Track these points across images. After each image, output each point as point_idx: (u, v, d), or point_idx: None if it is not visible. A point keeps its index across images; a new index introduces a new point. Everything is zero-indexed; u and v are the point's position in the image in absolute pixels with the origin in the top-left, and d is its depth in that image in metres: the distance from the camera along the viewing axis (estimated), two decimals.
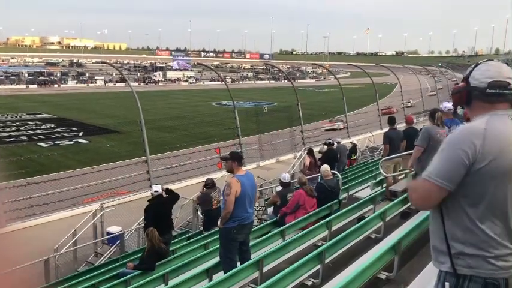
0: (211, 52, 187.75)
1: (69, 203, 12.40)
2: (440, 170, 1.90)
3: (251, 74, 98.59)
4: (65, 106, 43.67)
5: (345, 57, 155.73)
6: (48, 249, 8.81)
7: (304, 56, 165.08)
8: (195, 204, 10.33)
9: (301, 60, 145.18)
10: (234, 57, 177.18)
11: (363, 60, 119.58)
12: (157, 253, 6.71)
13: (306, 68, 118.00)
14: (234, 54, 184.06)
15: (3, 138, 25.31)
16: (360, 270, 4.02)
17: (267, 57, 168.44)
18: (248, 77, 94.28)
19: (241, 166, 5.49)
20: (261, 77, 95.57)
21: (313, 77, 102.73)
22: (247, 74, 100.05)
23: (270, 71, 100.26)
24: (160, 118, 32.54)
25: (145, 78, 79.16)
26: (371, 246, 5.61)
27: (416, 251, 5.08)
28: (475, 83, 1.97)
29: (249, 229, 5.61)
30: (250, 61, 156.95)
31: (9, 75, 71.45)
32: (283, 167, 16.81)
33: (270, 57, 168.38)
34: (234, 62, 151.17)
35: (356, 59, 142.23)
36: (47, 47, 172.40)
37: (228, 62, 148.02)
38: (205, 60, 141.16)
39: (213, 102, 49.04)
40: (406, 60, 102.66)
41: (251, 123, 25.81)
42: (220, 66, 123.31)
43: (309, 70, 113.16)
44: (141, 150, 14.72)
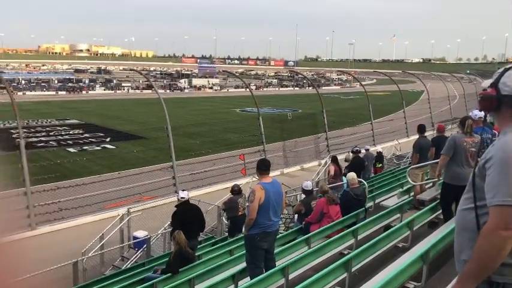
0: (235, 59, 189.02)
1: (97, 207, 12.67)
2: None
3: (275, 81, 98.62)
4: (92, 112, 44.56)
5: (371, 64, 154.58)
6: (76, 252, 8.97)
7: (329, 62, 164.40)
8: (220, 210, 10.37)
9: (326, 67, 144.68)
10: (258, 64, 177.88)
11: (388, 67, 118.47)
12: (183, 256, 6.77)
13: (331, 74, 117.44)
14: (258, 62, 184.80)
15: (33, 143, 25.91)
16: (387, 279, 3.97)
17: (291, 64, 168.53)
18: (272, 84, 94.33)
19: (267, 173, 5.47)
20: (286, 84, 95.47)
21: (338, 84, 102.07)
22: (271, 81, 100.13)
23: (294, 77, 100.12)
24: (185, 124, 32.88)
25: (171, 85, 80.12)
26: (398, 256, 5.52)
27: (445, 261, 4.98)
28: (507, 90, 1.88)
29: (274, 237, 5.58)
30: (275, 68, 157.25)
31: (40, 81, 73.43)
32: (308, 174, 16.74)
33: (294, 64, 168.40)
34: (259, 69, 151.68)
35: (382, 66, 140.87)
36: (76, 54, 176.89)
37: (252, 69, 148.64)
38: (230, 68, 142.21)
39: (237, 109, 49.22)
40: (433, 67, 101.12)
41: (275, 130, 25.80)
42: (244, 73, 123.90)
43: (334, 77, 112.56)
44: (167, 156, 14.92)
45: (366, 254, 5.24)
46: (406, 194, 9.22)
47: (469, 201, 1.97)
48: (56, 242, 10.83)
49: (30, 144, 23.26)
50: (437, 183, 8.22)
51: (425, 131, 9.17)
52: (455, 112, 29.62)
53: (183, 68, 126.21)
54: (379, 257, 5.49)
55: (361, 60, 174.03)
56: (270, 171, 5.50)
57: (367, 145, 14.49)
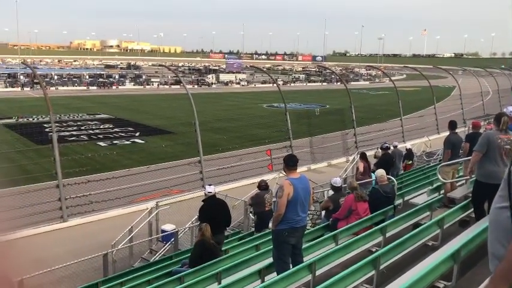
0: (263, 55, 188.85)
1: (126, 200, 12.93)
2: None
3: (303, 76, 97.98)
4: (122, 107, 45.36)
5: (401, 59, 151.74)
6: (106, 244, 9.18)
7: (358, 57, 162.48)
8: (246, 205, 10.41)
9: (355, 62, 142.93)
10: (286, 59, 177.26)
11: (419, 62, 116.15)
12: (205, 247, 6.86)
13: (359, 70, 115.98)
14: (286, 57, 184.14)
15: (65, 137, 26.59)
16: (417, 277, 3.91)
17: (319, 59, 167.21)
18: (300, 79, 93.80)
19: (295, 169, 5.46)
20: (313, 79, 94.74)
21: (367, 79, 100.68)
22: (299, 76, 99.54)
23: (322, 73, 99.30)
24: (212, 120, 33.08)
25: (199, 81, 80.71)
26: (428, 254, 5.43)
27: (477, 260, 4.86)
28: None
29: (301, 233, 5.57)
30: (303, 63, 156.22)
31: (72, 77, 75.19)
32: (335, 170, 16.61)
33: (322, 59, 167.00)
34: (286, 64, 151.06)
35: (412, 61, 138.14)
36: (106, 50, 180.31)
37: (279, 64, 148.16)
38: (257, 63, 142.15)
39: (264, 104, 49.20)
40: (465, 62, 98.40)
41: (302, 126, 25.69)
42: (271, 69, 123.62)
43: (362, 72, 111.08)
44: (194, 151, 15.06)
45: (395, 252, 5.17)
46: (436, 191, 9.03)
47: (504, 199, 1.92)
48: (87, 234, 11.12)
49: (62, 138, 23.89)
50: (469, 181, 8.03)
51: (457, 127, 8.94)
52: (488, 108, 28.83)
53: (210, 63, 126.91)
54: (408, 255, 5.41)
55: (391, 55, 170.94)
56: (297, 167, 5.48)
57: (395, 141, 14.24)
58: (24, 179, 15.57)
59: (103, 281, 7.70)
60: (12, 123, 33.87)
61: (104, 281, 7.69)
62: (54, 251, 10.08)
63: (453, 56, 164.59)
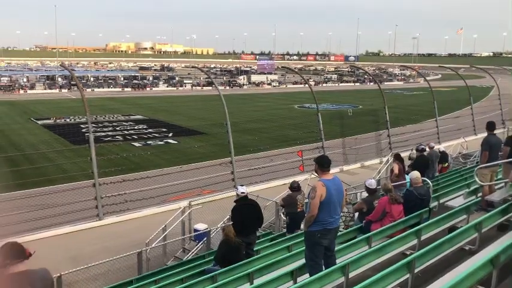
0: (294, 55, 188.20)
1: (160, 199, 13.15)
2: None
3: (335, 77, 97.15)
4: (156, 108, 46.16)
5: (436, 59, 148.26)
6: (140, 242, 9.35)
7: (391, 57, 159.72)
8: (278, 206, 10.40)
9: (389, 62, 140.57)
10: (317, 59, 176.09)
11: (455, 61, 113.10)
12: (230, 247, 6.92)
13: (393, 70, 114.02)
14: (317, 57, 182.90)
15: (101, 138, 27.26)
16: (454, 282, 3.81)
17: (352, 59, 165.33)
18: (332, 80, 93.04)
19: (328, 170, 5.42)
20: (346, 80, 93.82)
21: (401, 79, 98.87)
22: (331, 76, 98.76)
23: (355, 73, 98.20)
24: (244, 121, 33.26)
25: (231, 82, 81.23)
26: (465, 258, 5.29)
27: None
28: None
29: (334, 234, 5.52)
30: (335, 63, 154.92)
31: (107, 79, 77.10)
32: (368, 172, 16.39)
33: (355, 59, 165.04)
34: (318, 64, 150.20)
35: (448, 60, 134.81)
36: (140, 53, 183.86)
37: (311, 65, 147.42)
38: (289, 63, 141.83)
39: (296, 105, 49.06)
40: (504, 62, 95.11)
41: (334, 126, 25.48)
42: (303, 69, 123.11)
43: (396, 72, 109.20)
44: (226, 152, 15.17)
45: (430, 255, 5.05)
46: (473, 194, 8.78)
47: None
48: (122, 232, 11.37)
49: (98, 139, 24.51)
50: (509, 184, 7.77)
51: (495, 128, 8.65)
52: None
53: (242, 64, 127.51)
54: (444, 259, 5.28)
55: (426, 54, 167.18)
56: (330, 168, 5.44)
57: (431, 143, 13.91)
58: (62, 178, 16.09)
59: (137, 279, 7.84)
60: (50, 123, 35.02)
61: (138, 279, 7.83)
62: (90, 248, 10.36)
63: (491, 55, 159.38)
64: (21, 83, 68.63)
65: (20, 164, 19.04)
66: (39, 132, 31.32)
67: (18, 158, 21.52)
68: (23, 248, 3.44)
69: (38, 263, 3.57)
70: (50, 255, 8.55)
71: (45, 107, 45.83)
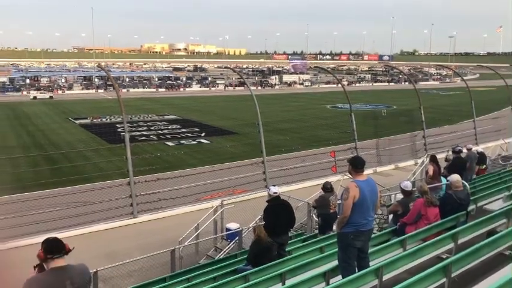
0: (327, 55, 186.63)
1: (192, 198, 13.30)
2: None
3: (369, 76, 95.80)
4: (189, 108, 46.74)
5: (474, 58, 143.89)
6: (173, 240, 9.49)
7: (427, 57, 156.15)
8: (310, 207, 10.34)
9: (424, 61, 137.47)
10: (351, 59, 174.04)
11: (494, 60, 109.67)
12: (261, 246, 6.93)
13: (429, 69, 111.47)
14: (351, 57, 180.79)
15: (136, 137, 27.82)
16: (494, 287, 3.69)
17: (386, 58, 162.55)
18: (366, 79, 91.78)
19: (361, 171, 5.35)
20: (380, 79, 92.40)
21: (437, 78, 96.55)
22: (364, 76, 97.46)
23: (389, 72, 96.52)
24: (275, 121, 33.24)
25: (262, 82, 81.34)
26: (505, 264, 5.12)
27: None
28: None
29: (368, 236, 5.44)
30: (368, 63, 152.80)
31: (142, 79, 78.65)
32: (403, 174, 16.09)
33: (389, 58, 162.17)
34: (351, 64, 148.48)
35: (486, 59, 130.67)
36: (174, 53, 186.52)
37: (344, 64, 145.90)
38: (322, 63, 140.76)
39: (328, 105, 48.66)
40: None
41: (368, 127, 25.12)
42: (336, 69, 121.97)
43: (432, 72, 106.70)
44: (258, 151, 15.20)
45: (468, 260, 4.91)
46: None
47: None
48: (155, 230, 11.57)
49: (133, 138, 25.02)
50: None
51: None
52: None
53: (274, 64, 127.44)
54: (482, 263, 5.13)
55: (463, 53, 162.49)
56: (364, 169, 5.37)
57: (469, 144, 13.52)
58: (99, 176, 16.51)
59: (171, 276, 7.95)
60: (87, 123, 36.01)
61: (172, 276, 7.94)
62: (124, 245, 10.59)
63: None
64: (60, 84, 70.92)
65: (59, 162, 19.69)
66: (77, 131, 32.26)
67: (57, 156, 22.23)
68: (63, 243, 3.56)
69: (76, 259, 3.69)
70: (86, 251, 8.77)
71: (82, 107, 47.16)
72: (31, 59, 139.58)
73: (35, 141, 28.14)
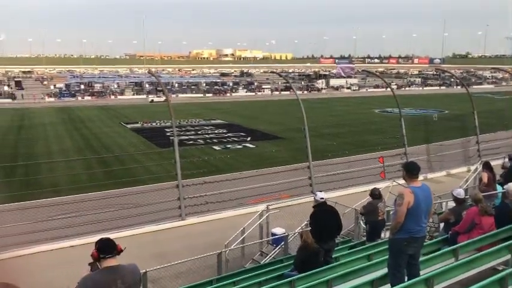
0: (375, 58, 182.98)
1: (238, 202, 13.42)
2: None
3: (419, 80, 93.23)
4: (235, 113, 47.26)
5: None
6: (219, 243, 9.61)
7: (481, 59, 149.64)
8: (357, 214, 10.17)
9: (478, 64, 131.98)
10: (400, 62, 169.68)
11: None
12: (309, 253, 6.87)
13: (483, 72, 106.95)
14: (400, 60, 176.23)
15: (184, 141, 28.42)
16: None
17: (437, 61, 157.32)
18: (416, 83, 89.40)
19: (416, 177, 5.23)
20: (430, 83, 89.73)
21: (491, 82, 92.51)
22: (414, 79, 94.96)
23: (440, 76, 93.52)
24: (321, 125, 32.97)
25: (309, 86, 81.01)
26: None
27: None
28: None
29: (421, 243, 5.32)
30: (419, 66, 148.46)
31: (190, 85, 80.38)
32: (455, 181, 15.51)
33: (441, 61, 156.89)
34: (401, 67, 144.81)
35: None
36: (221, 59, 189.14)
37: (393, 68, 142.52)
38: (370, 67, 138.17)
39: (377, 109, 47.72)
40: None
41: (418, 132, 24.45)
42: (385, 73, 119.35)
43: (486, 75, 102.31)
44: (303, 156, 15.12)
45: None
46: None
47: None
48: (202, 233, 11.76)
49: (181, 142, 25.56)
50: None
51: None
52: None
53: (320, 68, 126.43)
54: None
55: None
56: (419, 175, 5.26)
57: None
58: (149, 179, 17.01)
59: (217, 279, 8.05)
60: (138, 127, 37.21)
61: (218, 279, 8.03)
62: (172, 247, 10.83)
63: None
64: (112, 89, 73.72)
65: (111, 165, 20.43)
66: (128, 135, 33.41)
67: (110, 159, 23.08)
68: (115, 244, 3.70)
69: (126, 259, 3.83)
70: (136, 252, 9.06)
71: (133, 112, 48.80)
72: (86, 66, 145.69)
73: (88, 144, 29.39)
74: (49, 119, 43.32)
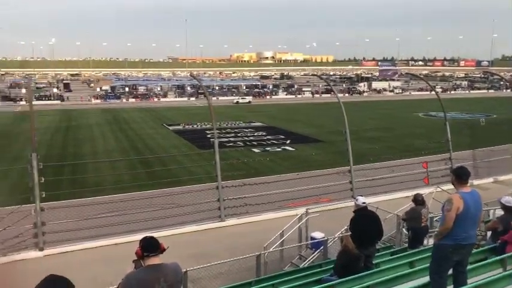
0: (420, 61, 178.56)
1: (277, 205, 13.40)
2: None
3: (465, 83, 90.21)
4: (274, 115, 47.30)
5: None
6: (258, 246, 9.61)
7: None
8: (399, 219, 9.93)
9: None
10: (445, 65, 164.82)
11: None
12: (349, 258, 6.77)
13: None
14: (445, 62, 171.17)
15: (223, 143, 28.71)
16: None
17: (485, 64, 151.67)
18: (462, 86, 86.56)
19: (466, 182, 5.08)
20: (478, 86, 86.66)
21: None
22: (460, 82, 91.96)
23: (488, 79, 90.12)
24: (363, 129, 32.46)
25: (350, 89, 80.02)
26: None
27: None
28: None
29: (469, 250, 5.15)
30: (465, 69, 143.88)
31: (231, 87, 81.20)
32: (503, 188, 14.88)
33: (489, 64, 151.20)
34: (446, 70, 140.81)
35: None
36: (262, 62, 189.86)
37: (438, 71, 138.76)
38: (413, 70, 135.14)
39: (421, 113, 46.52)
40: None
41: (464, 137, 23.63)
42: (429, 75, 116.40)
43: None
44: (343, 160, 14.93)
45: None
46: None
47: None
48: (241, 234, 11.82)
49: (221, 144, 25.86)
50: None
51: None
52: None
53: (362, 71, 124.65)
54: None
55: None
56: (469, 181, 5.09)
57: None
58: (189, 180, 17.28)
59: (256, 281, 8.06)
60: (180, 129, 37.93)
61: (257, 281, 8.04)
62: (212, 247, 10.94)
63: None
64: (156, 92, 75.51)
65: (154, 166, 20.90)
66: (170, 136, 34.11)
67: (152, 160, 23.62)
68: (158, 242, 3.79)
69: (167, 258, 3.90)
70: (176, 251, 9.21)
71: (175, 114, 49.78)
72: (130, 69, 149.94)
73: (133, 145, 30.21)
74: (95, 120, 44.88)
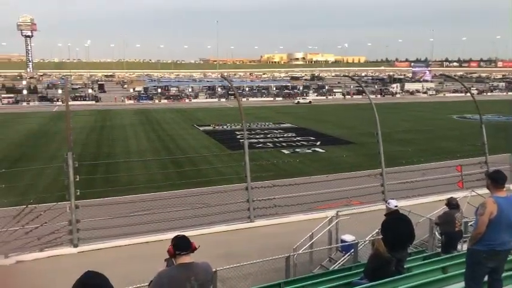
0: (454, 62, 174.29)
1: (307, 207, 13.33)
2: None
3: (503, 85, 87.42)
4: (305, 117, 47.09)
5: None
6: (287, 247, 9.58)
7: None
8: (432, 224, 9.72)
9: None
10: (482, 66, 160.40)
11: None
12: (381, 262, 6.67)
13: None
14: (482, 63, 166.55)
15: (253, 144, 28.83)
16: None
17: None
18: (499, 88, 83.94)
19: (502, 187, 4.92)
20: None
21: None
22: (497, 84, 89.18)
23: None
24: (396, 131, 31.94)
25: (382, 90, 78.85)
26: None
27: None
28: None
29: (504, 257, 4.98)
30: (503, 70, 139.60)
31: (261, 88, 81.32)
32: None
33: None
34: (482, 71, 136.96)
35: None
36: (292, 63, 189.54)
37: (474, 72, 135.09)
38: (448, 71, 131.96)
39: (455, 115, 45.40)
40: None
41: (501, 140, 22.91)
42: (464, 77, 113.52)
43: None
44: (375, 162, 14.69)
45: None
46: None
47: None
48: (270, 235, 11.79)
49: (251, 145, 25.97)
50: None
51: None
52: None
53: (395, 72, 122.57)
54: None
55: None
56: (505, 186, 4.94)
57: None
58: (219, 180, 17.41)
59: (285, 282, 8.04)
60: (210, 130, 38.27)
61: (286, 283, 8.03)
62: (241, 248, 10.97)
63: None
64: (187, 93, 76.45)
65: (185, 166, 21.18)
66: (201, 137, 34.47)
67: (183, 160, 23.94)
68: (190, 242, 3.84)
69: (197, 257, 3.94)
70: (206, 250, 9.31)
71: (206, 114, 50.25)
72: (163, 70, 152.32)
73: (164, 145, 30.69)
74: (128, 120, 45.82)
